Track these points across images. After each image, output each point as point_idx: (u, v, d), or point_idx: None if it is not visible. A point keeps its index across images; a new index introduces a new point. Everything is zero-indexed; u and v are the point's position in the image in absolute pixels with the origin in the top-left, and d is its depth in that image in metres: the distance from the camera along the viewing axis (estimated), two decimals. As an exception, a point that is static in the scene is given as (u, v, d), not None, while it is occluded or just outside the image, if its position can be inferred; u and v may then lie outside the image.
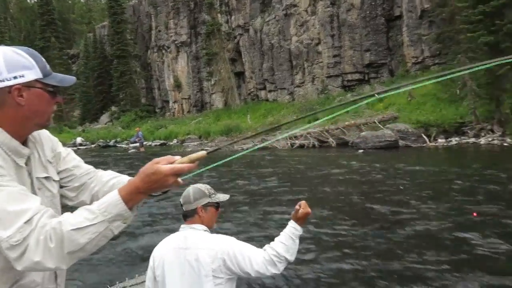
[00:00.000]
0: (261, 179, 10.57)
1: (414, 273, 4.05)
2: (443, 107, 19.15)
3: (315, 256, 4.69)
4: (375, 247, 4.93)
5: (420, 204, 6.75)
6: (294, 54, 32.23)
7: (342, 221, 6.16)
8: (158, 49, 43.64)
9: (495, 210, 6.11)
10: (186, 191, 2.08)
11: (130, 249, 5.50)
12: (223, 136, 27.54)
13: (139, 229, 6.42)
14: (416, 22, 26.00)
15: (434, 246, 4.76)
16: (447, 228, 5.47)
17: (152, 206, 7.72)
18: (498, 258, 4.29)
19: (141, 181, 1.11)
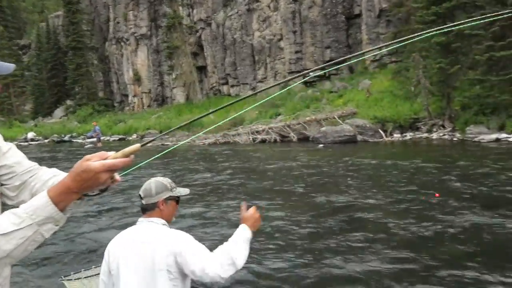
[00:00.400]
0: (216, 173, 10.55)
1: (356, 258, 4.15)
2: (398, 104, 19.88)
3: (268, 250, 4.70)
4: (308, 233, 5.09)
5: (364, 194, 7.05)
6: (256, 49, 32.27)
7: (291, 212, 6.24)
8: (117, 41, 42.21)
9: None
10: (147, 184, 2.03)
11: (85, 242, 5.31)
12: (184, 131, 27.12)
13: (95, 222, 6.20)
14: (375, 21, 26.80)
15: (359, 229, 5.03)
16: (379, 213, 5.77)
17: (109, 200, 7.45)
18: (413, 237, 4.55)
19: (72, 180, 1.02)
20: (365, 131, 17.98)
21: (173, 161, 14.30)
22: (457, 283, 3.52)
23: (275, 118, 24.12)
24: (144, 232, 1.93)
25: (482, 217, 5.37)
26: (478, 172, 8.48)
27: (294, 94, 27.77)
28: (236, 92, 34.28)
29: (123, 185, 8.98)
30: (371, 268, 3.96)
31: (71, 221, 5.98)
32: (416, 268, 3.91)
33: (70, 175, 1.02)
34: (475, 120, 16.05)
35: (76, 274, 3.06)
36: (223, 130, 23.54)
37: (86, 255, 4.86)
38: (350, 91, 24.60)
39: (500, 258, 4.04)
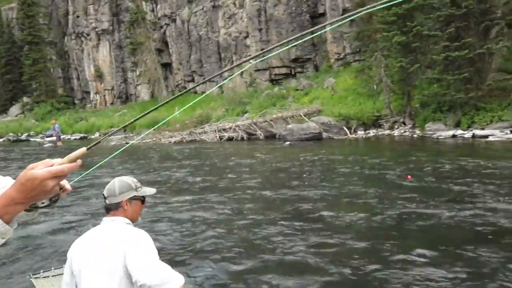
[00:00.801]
0: (174, 171, 10.46)
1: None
2: (362, 101, 20.45)
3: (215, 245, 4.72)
4: (248, 224, 5.20)
5: (318, 188, 7.27)
6: (222, 46, 32.09)
7: (251, 209, 6.30)
8: (77, 36, 40.60)
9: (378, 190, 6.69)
10: (111, 184, 2.00)
11: (50, 242, 5.13)
12: (149, 129, 26.58)
13: (62, 221, 5.99)
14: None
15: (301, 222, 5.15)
16: (324, 206, 5.98)
17: (73, 203, 7.20)
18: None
19: (16, 191, 0.96)
20: (330, 128, 18.37)
21: (135, 160, 14.00)
22: (406, 269, 3.70)
23: (242, 115, 24.14)
24: (105, 232, 1.91)
25: (428, 206, 5.67)
26: (430, 166, 8.92)
27: (260, 92, 27.90)
28: (203, 90, 33.91)
29: (88, 185, 8.73)
30: (316, 257, 4.09)
31: (39, 221, 5.76)
32: (371, 255, 4.07)
33: (14, 186, 0.97)
34: (434, 117, 16.79)
35: (46, 273, 2.99)
36: (190, 128, 23.31)
37: (54, 255, 4.72)
38: (316, 89, 25.02)
39: (440, 242, 4.26)
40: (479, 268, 3.68)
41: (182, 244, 4.81)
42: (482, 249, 4.05)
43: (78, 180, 1.03)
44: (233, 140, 20.17)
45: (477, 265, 3.72)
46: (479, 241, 4.34)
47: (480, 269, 3.66)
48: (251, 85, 30.37)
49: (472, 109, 15.76)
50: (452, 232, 4.73)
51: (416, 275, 3.60)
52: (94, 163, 1.40)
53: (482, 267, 3.69)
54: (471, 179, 7.36)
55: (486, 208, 5.49)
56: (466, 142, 13.67)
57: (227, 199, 7.00)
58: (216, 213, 6.10)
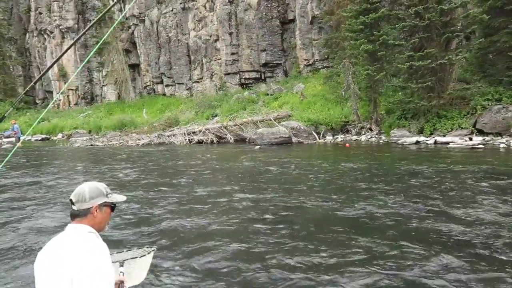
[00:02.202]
0: (130, 172, 10.27)
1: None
2: (330, 107, 20.87)
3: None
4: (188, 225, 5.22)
5: (275, 190, 7.32)
6: (192, 49, 31.87)
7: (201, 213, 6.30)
8: (39, 33, 39.10)
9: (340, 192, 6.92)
10: (80, 188, 1.90)
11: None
12: (116, 131, 25.94)
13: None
14: (308, 26, 27.84)
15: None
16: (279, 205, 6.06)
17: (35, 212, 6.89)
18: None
19: None
20: (300, 133, 18.62)
21: (95, 162, 13.60)
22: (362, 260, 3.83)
23: (211, 119, 24.02)
24: (63, 244, 1.78)
25: (385, 203, 5.90)
26: (391, 168, 9.26)
27: (230, 96, 27.88)
28: (171, 92, 33.54)
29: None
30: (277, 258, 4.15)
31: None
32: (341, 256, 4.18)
33: None
34: (398, 124, 17.38)
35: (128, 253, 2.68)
36: (158, 130, 22.94)
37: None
38: (285, 94, 25.30)
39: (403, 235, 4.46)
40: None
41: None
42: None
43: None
44: (202, 143, 20.01)
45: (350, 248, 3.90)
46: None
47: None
48: (221, 89, 30.31)
49: (434, 116, 16.44)
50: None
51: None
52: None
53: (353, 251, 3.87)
54: (415, 179, 7.71)
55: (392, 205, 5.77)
56: (429, 148, 14.25)
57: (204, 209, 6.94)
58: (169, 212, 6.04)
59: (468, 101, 16.18)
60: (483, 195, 6.68)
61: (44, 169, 12.23)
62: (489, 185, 7.38)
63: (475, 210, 5.80)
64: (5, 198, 7.82)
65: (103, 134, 25.73)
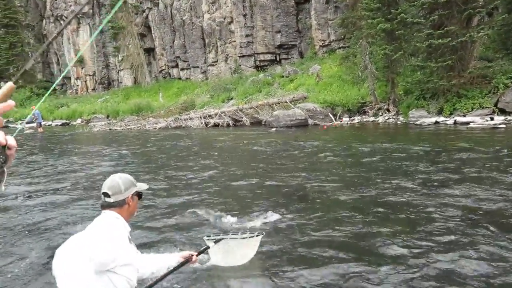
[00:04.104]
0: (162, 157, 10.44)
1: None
2: (347, 88, 20.62)
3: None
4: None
5: (298, 173, 7.34)
6: (206, 32, 31.71)
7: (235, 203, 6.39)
8: (55, 19, 39.45)
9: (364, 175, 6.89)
10: (113, 181, 1.98)
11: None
12: (133, 115, 26.28)
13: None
14: (323, 6, 27.30)
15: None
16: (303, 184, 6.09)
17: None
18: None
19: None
20: (316, 115, 18.52)
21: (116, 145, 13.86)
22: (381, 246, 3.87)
23: (227, 102, 24.06)
24: (90, 228, 1.88)
25: (410, 190, 5.89)
26: (410, 151, 9.17)
27: (245, 79, 27.79)
28: (187, 76, 33.62)
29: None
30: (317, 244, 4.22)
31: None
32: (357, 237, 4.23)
33: None
34: (417, 104, 17.09)
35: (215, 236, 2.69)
36: (174, 114, 23.12)
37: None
38: (301, 75, 25.07)
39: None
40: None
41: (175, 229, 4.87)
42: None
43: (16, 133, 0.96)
44: (219, 126, 20.13)
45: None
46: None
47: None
48: (236, 72, 30.21)
49: (454, 96, 16.09)
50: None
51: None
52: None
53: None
54: (437, 163, 7.62)
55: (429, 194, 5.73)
56: (448, 128, 14.01)
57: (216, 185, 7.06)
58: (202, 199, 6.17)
59: (490, 80, 15.76)
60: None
61: (73, 154, 12.53)
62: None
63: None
64: (42, 188, 8.08)
65: (121, 119, 26.11)
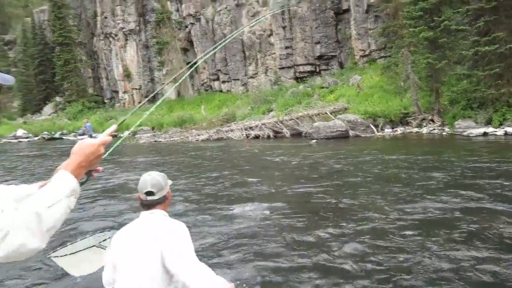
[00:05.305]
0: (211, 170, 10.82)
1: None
2: (388, 99, 20.30)
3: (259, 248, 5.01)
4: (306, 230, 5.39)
5: (352, 188, 7.36)
6: (247, 44, 32.41)
7: (290, 211, 6.56)
8: (105, 36, 41.77)
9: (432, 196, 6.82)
10: (153, 179, 2.07)
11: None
12: (176, 127, 27.25)
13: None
14: (363, 16, 27.16)
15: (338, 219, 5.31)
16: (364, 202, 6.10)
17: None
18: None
19: (81, 155, 1.24)
20: (357, 126, 18.39)
21: (166, 158, 14.50)
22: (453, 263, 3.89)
23: (267, 114, 24.39)
24: (148, 226, 2.01)
25: (463, 204, 5.80)
26: (461, 165, 8.94)
27: (285, 90, 28.07)
28: (228, 88, 34.42)
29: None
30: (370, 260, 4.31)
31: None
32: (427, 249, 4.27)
33: (77, 153, 1.24)
34: (463, 114, 16.54)
35: (64, 249, 2.92)
36: (216, 126, 23.75)
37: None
38: (341, 86, 24.98)
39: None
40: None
41: (220, 240, 5.14)
42: None
43: (108, 153, 1.37)
44: (259, 138, 20.47)
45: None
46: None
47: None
48: (276, 83, 30.59)
49: (504, 105, 15.44)
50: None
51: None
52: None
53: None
54: (499, 178, 7.40)
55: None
56: (498, 140, 13.48)
57: (283, 207, 6.92)
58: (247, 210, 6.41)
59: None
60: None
61: (127, 164, 13.31)
62: None
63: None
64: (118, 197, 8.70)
65: (165, 131, 27.15)
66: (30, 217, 1.05)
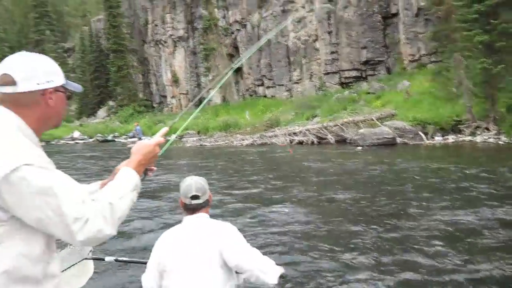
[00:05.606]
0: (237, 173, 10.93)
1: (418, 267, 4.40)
2: (439, 105, 19.52)
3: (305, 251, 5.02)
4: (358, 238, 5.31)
5: (406, 200, 7.14)
6: (291, 50, 32.48)
7: (335, 220, 6.50)
8: (155, 43, 43.55)
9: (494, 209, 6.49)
10: (197, 183, 2.11)
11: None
12: (221, 131, 27.80)
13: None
14: (412, 20, 26.35)
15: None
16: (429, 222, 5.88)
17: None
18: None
19: (140, 155, 1.40)
20: (405, 134, 17.84)
21: (209, 162, 14.85)
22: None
23: (311, 119, 24.27)
24: (197, 227, 2.06)
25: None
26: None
27: (330, 96, 27.79)
28: (272, 94, 34.64)
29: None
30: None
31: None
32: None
33: (136, 153, 1.40)
34: (522, 122, 15.60)
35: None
36: (260, 131, 23.97)
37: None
38: (388, 92, 24.35)
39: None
40: None
41: (251, 240, 5.24)
42: None
43: (162, 151, 1.49)
44: (302, 144, 20.41)
45: None
46: None
47: None
48: (320, 89, 30.37)
49: None
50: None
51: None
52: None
53: None
54: None
55: None
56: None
57: (329, 214, 6.94)
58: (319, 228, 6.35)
59: None
60: None
61: (171, 166, 13.83)
62: None
63: None
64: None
65: (210, 135, 27.79)
66: (104, 206, 1.19)
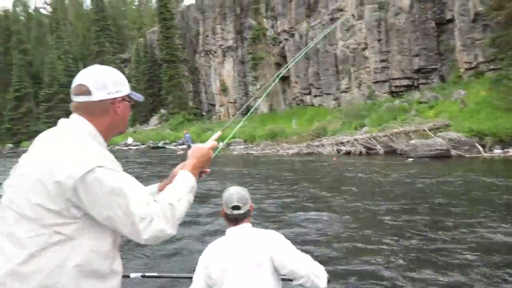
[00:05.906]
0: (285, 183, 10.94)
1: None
2: (498, 116, 18.42)
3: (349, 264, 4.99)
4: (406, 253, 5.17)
5: (468, 219, 6.82)
6: (340, 59, 32.16)
7: (387, 234, 6.38)
8: (205, 53, 44.99)
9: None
10: (238, 193, 2.10)
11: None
12: (268, 140, 28.04)
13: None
14: (469, 25, 25.15)
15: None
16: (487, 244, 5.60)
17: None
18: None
19: (195, 158, 1.51)
20: (460, 145, 17.02)
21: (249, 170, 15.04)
22: None
23: (360, 129, 23.83)
24: (244, 236, 2.05)
25: None
26: None
27: (379, 105, 27.14)
28: (319, 102, 34.44)
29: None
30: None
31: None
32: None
33: (192, 157, 1.51)
34: None
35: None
36: (306, 140, 23.90)
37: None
38: (442, 102, 23.34)
39: None
40: None
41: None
42: None
43: (214, 154, 1.58)
44: (350, 154, 20.08)
45: None
46: None
47: None
48: (369, 98, 29.76)
49: None
50: None
51: None
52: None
53: None
54: None
55: None
56: None
57: (381, 230, 6.69)
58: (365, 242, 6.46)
59: None
60: None
61: (216, 173, 14.26)
62: None
63: None
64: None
65: (257, 143, 28.12)
66: (166, 208, 1.29)
